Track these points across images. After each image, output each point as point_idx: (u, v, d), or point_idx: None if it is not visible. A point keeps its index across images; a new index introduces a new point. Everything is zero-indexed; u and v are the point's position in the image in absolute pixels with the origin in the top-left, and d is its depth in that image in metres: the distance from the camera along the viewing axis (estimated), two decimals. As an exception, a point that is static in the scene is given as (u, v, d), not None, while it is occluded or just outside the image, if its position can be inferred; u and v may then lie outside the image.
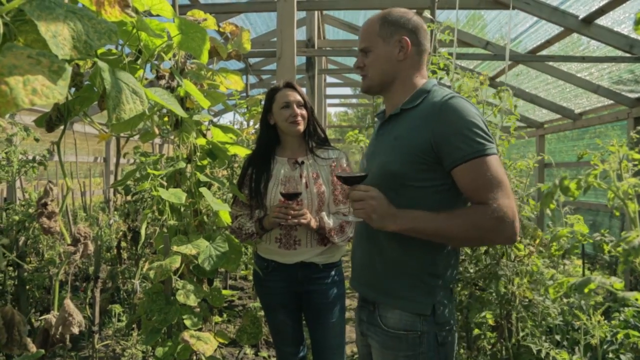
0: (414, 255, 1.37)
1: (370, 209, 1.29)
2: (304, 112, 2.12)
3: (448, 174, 1.29)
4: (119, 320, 3.22)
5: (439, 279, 1.37)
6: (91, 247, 1.15)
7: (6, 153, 2.52)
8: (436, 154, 1.28)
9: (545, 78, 5.85)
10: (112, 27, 0.97)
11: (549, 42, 4.86)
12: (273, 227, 2.05)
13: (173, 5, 2.55)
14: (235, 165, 3.77)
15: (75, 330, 1.15)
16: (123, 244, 3.45)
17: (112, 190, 4.91)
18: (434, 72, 2.43)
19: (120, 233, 3.42)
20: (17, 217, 2.28)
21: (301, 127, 2.11)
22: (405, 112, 1.40)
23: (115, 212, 4.17)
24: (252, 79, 8.85)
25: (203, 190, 1.98)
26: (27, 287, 2.28)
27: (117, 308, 3.08)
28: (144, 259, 3.25)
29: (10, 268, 2.24)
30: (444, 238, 1.29)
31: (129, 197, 3.24)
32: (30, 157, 2.62)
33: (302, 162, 2.14)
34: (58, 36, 0.86)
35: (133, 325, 2.70)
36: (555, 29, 4.60)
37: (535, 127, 7.50)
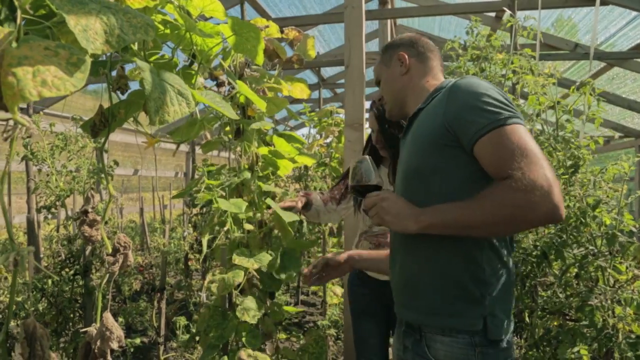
0: (450, 259, 1.20)
1: (383, 211, 1.20)
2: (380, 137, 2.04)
3: (473, 157, 1.14)
4: (187, 332, 3.23)
5: (488, 286, 1.17)
6: (131, 258, 1.09)
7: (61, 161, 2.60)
8: (454, 137, 1.16)
9: (647, 81, 5.26)
10: (149, 21, 0.91)
11: (650, 40, 4.35)
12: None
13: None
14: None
15: (115, 345, 1.10)
16: (191, 255, 3.50)
17: (183, 202, 5.06)
18: (514, 72, 2.20)
19: (188, 245, 3.48)
20: (85, 227, 2.35)
21: (382, 153, 2.05)
22: (421, 111, 1.34)
23: (189, 224, 4.27)
24: (327, 93, 8.84)
25: (269, 201, 1.91)
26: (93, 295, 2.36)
27: (181, 320, 3.10)
28: (211, 271, 3.27)
29: (78, 277, 2.32)
30: (469, 228, 1.10)
31: (196, 210, 3.28)
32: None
33: None
34: (89, 30, 0.81)
35: (197, 338, 2.70)
36: (659, 25, 4.11)
37: (634, 136, 6.77)
